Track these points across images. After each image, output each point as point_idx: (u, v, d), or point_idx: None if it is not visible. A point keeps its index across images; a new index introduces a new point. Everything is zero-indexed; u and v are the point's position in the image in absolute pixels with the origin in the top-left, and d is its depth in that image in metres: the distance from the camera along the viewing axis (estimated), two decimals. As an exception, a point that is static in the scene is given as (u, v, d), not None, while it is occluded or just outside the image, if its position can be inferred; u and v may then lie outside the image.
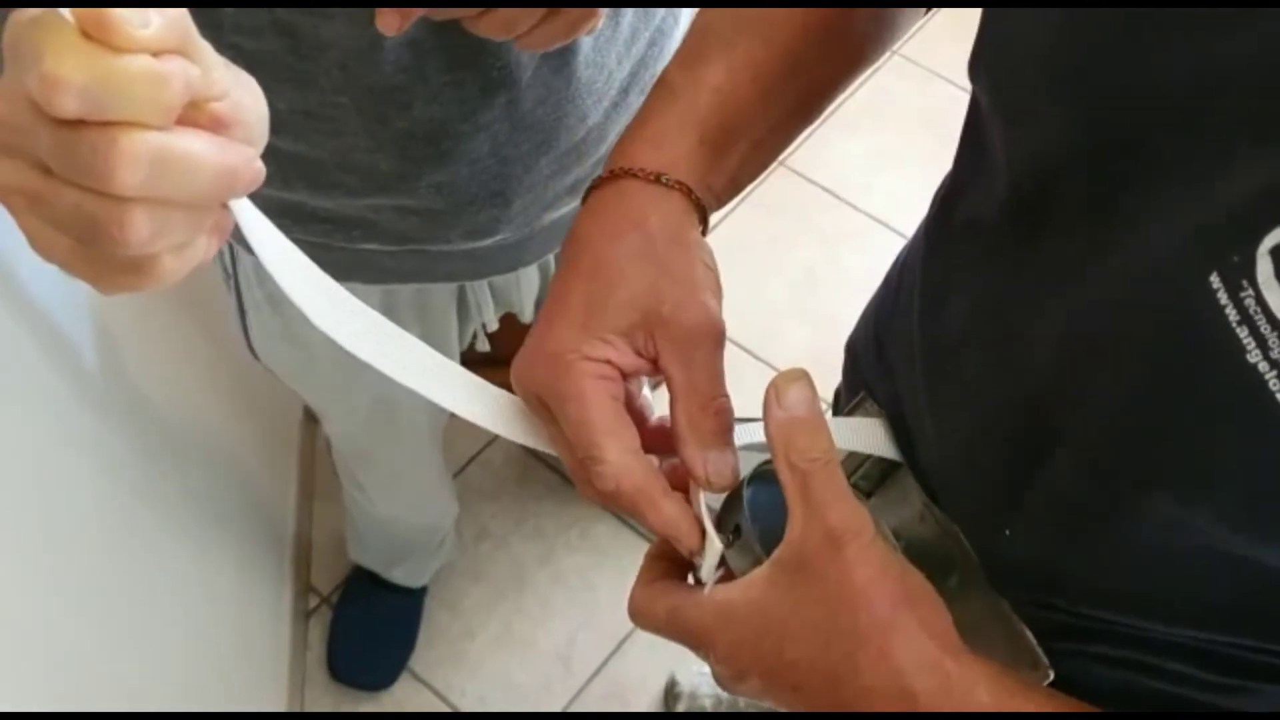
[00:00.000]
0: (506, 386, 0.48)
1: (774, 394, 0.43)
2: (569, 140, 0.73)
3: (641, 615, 0.47)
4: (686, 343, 0.45)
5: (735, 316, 0.48)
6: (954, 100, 2.00)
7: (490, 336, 1.01)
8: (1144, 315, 0.36)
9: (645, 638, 1.47)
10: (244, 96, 0.34)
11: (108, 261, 0.33)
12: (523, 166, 0.72)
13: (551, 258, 0.87)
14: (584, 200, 0.50)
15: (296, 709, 1.38)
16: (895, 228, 1.84)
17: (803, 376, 0.43)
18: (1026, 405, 0.42)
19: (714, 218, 0.50)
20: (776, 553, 0.42)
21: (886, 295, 0.59)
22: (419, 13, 0.52)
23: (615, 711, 1.42)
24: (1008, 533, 0.45)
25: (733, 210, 1.82)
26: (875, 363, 0.58)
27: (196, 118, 0.32)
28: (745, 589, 0.43)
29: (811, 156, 1.93)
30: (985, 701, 0.39)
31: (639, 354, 0.45)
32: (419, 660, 1.46)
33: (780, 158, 2.21)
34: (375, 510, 1.27)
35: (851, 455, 0.52)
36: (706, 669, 1.46)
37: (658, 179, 0.47)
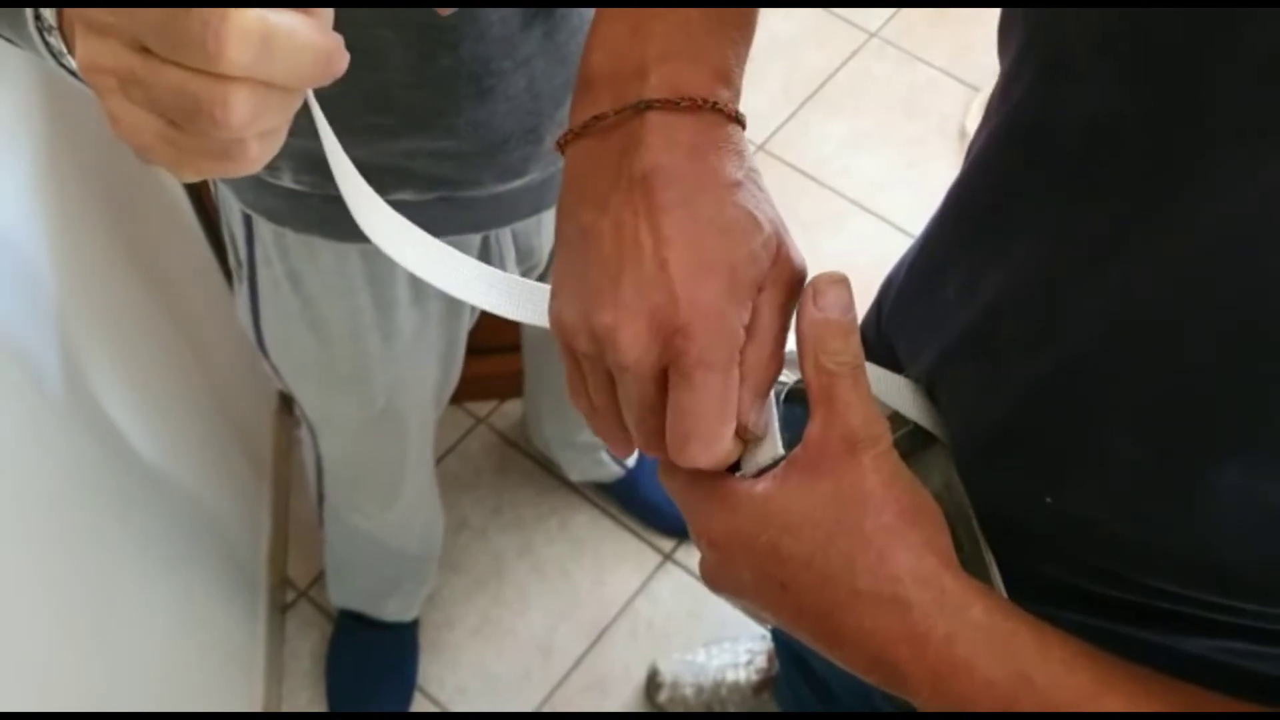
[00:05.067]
0: (490, 374, 0.46)
1: (811, 293, 0.42)
2: None
3: (664, 472, 0.47)
4: (789, 285, 0.43)
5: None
6: (932, 82, 2.00)
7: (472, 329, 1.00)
8: (1210, 279, 0.35)
9: (626, 628, 1.48)
10: None
11: (197, 145, 0.33)
12: (554, 101, 0.73)
13: None
14: (633, 116, 0.43)
15: (274, 705, 1.37)
16: (873, 210, 1.83)
17: (843, 280, 0.43)
18: (1072, 375, 0.41)
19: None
20: (792, 452, 0.42)
21: (906, 286, 0.58)
22: None
23: (597, 711, 1.42)
24: (1049, 500, 0.44)
25: (711, 195, 1.79)
26: (897, 344, 0.57)
27: None
28: (753, 482, 0.43)
29: (789, 140, 1.92)
30: (979, 619, 0.39)
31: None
32: (397, 652, 1.45)
33: (759, 141, 2.19)
34: (371, 530, 1.22)
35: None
36: (689, 657, 1.45)
37: (736, 117, 0.44)
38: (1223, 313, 0.35)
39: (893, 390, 0.51)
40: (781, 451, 0.43)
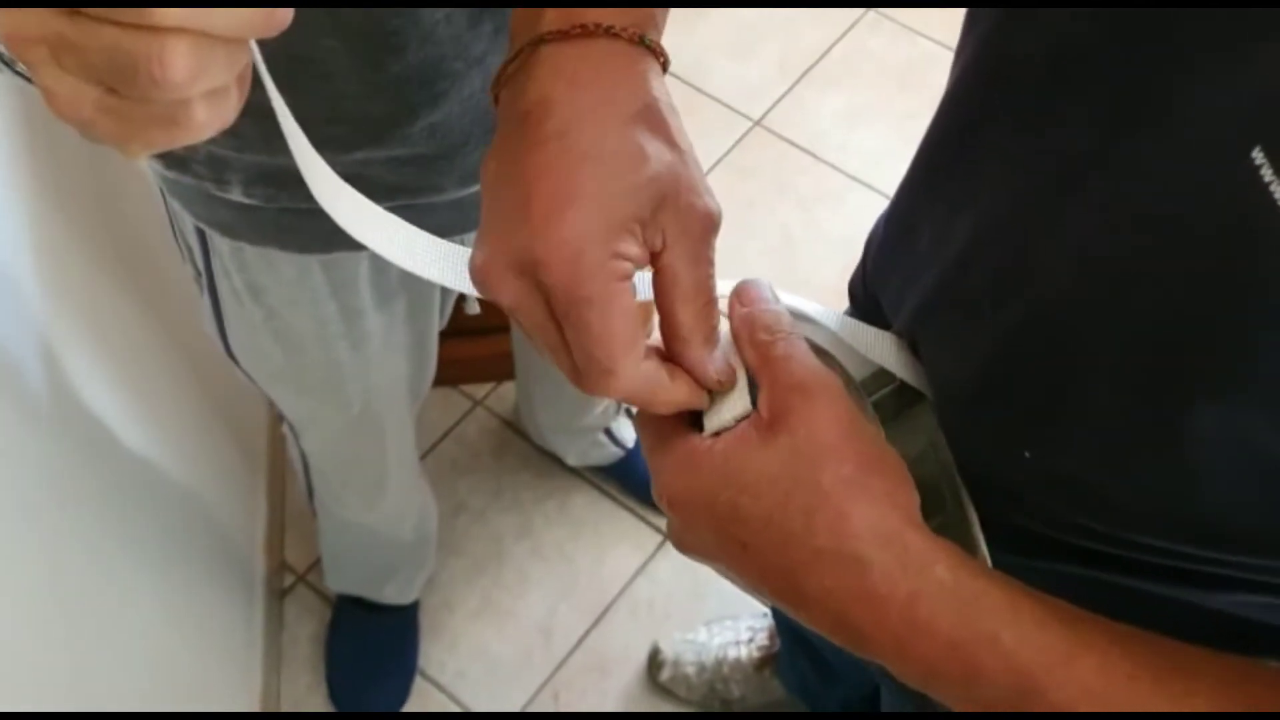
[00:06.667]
0: (485, 355, 0.45)
1: (736, 297, 0.45)
2: None
3: (637, 427, 0.47)
4: (698, 235, 0.41)
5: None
6: (929, 56, 1.98)
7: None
8: (1174, 206, 0.34)
9: (626, 608, 1.48)
10: None
11: (140, 112, 0.31)
12: None
13: None
14: (529, 53, 0.42)
15: (273, 690, 1.37)
16: (873, 185, 1.82)
17: (760, 280, 0.45)
18: (1044, 322, 0.40)
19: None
20: (752, 416, 0.42)
21: (885, 239, 0.58)
22: None
23: (599, 691, 1.41)
24: (1028, 454, 0.44)
25: (708, 174, 1.78)
26: (881, 300, 0.56)
27: None
28: (712, 440, 0.42)
29: (786, 115, 1.90)
30: (944, 578, 0.38)
31: (643, 246, 0.41)
32: (397, 636, 1.44)
33: (756, 117, 2.16)
34: (364, 520, 1.21)
35: (870, 381, 0.52)
36: (690, 635, 1.45)
37: (640, 40, 0.41)
38: (1191, 247, 0.34)
39: (876, 346, 0.50)
40: (750, 407, 0.43)
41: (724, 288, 0.45)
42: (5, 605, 0.75)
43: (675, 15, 1.96)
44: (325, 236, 0.45)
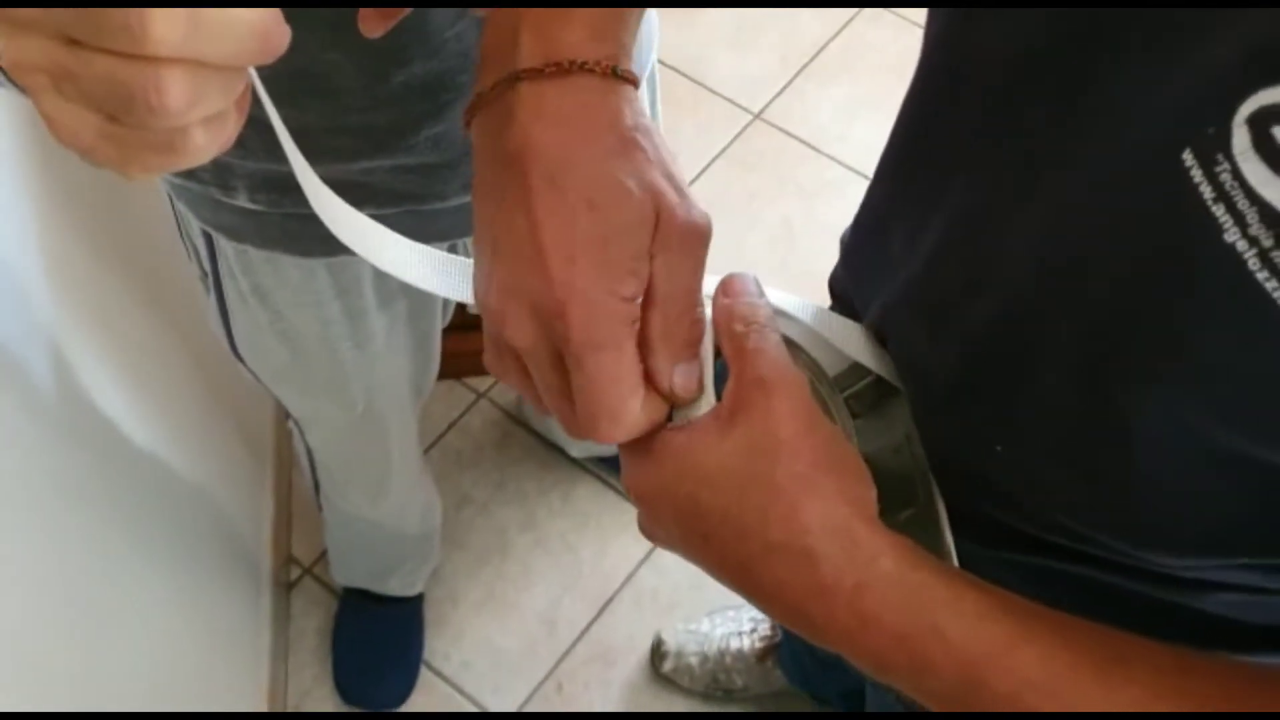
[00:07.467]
0: (478, 351, 0.46)
1: (721, 288, 0.45)
2: None
3: None
4: (680, 248, 0.42)
5: (713, 275, 0.47)
6: (929, 48, 1.98)
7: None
8: (1117, 205, 0.35)
9: (630, 598, 1.48)
10: None
11: (138, 138, 0.32)
12: None
13: None
14: (506, 88, 0.43)
15: (280, 682, 1.38)
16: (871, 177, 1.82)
17: (746, 275, 0.46)
18: (1007, 319, 0.41)
19: (688, 176, 0.48)
20: (715, 406, 0.43)
21: (856, 238, 0.59)
22: (403, 13, 0.49)
23: (604, 681, 1.42)
24: (999, 449, 0.44)
25: (708, 167, 1.79)
26: (854, 298, 0.57)
27: None
28: (675, 433, 0.43)
29: (787, 108, 1.90)
30: (889, 571, 0.39)
31: (643, 278, 0.42)
32: (403, 628, 1.44)
33: (757, 110, 2.15)
34: (368, 515, 1.22)
35: (847, 374, 0.52)
36: (693, 626, 1.45)
37: (613, 72, 0.42)
38: (1135, 244, 0.35)
39: (853, 340, 0.51)
40: (712, 400, 0.44)
41: (714, 284, 0.46)
42: (14, 600, 0.76)
43: (675, 10, 1.96)
44: (329, 240, 0.46)
